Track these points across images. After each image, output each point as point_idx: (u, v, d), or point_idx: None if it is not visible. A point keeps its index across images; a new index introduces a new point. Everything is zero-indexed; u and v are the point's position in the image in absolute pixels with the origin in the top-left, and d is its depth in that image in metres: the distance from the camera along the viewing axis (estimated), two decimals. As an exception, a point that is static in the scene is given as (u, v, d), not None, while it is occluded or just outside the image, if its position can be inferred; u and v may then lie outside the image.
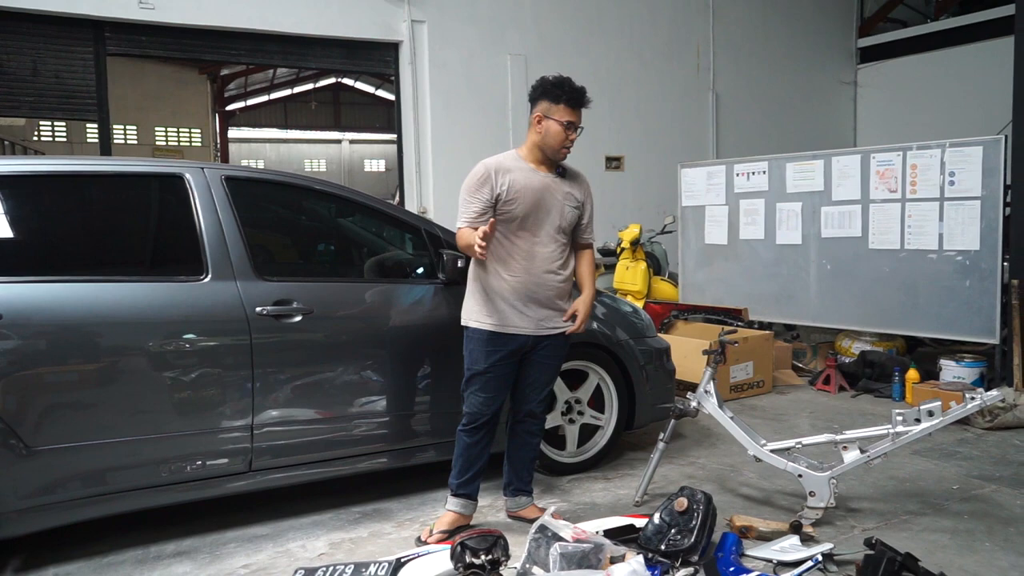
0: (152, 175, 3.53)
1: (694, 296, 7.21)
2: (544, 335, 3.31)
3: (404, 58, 7.96)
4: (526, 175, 3.25)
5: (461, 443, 3.35)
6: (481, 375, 3.27)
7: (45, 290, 3.03)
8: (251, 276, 3.35)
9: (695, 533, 2.97)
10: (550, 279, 3.27)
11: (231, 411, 3.29)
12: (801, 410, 5.45)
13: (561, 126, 3.23)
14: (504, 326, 3.24)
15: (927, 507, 3.62)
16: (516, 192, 3.20)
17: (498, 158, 3.31)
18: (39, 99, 6.72)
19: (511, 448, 3.51)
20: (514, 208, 3.20)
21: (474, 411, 3.30)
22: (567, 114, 3.23)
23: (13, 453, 2.91)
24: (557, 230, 3.29)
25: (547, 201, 3.26)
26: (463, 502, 3.36)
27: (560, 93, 3.24)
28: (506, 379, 3.32)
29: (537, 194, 3.24)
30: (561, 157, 3.31)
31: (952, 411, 3.30)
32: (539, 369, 3.38)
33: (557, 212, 3.28)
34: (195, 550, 3.28)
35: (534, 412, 3.44)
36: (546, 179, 3.29)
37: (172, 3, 6.82)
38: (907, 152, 5.72)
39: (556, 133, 3.24)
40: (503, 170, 3.23)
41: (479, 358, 3.27)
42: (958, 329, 5.56)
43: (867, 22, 11.24)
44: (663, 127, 9.52)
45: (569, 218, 3.32)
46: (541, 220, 3.25)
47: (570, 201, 3.33)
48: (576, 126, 3.26)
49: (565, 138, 3.25)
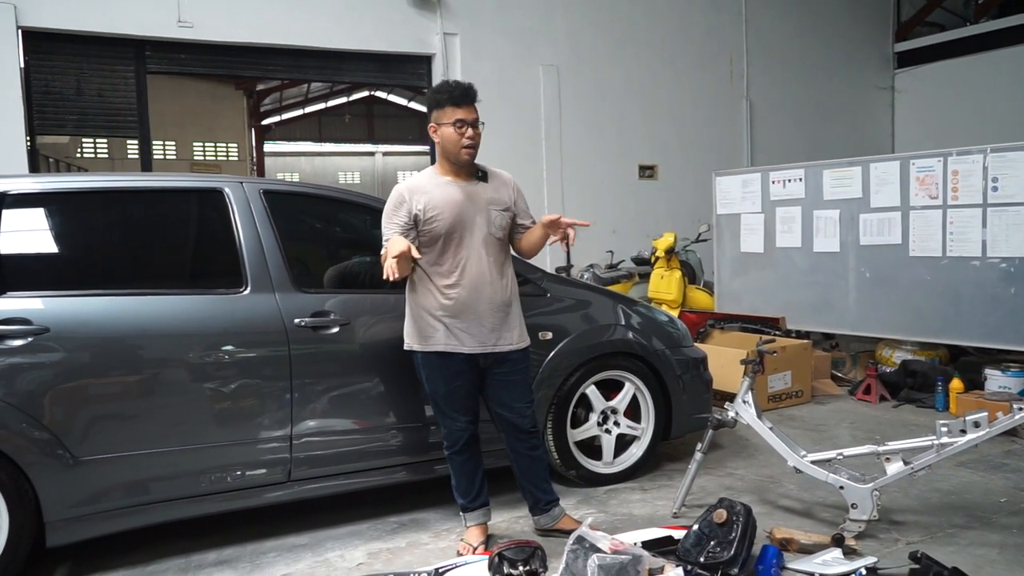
0: (192, 190, 3.60)
1: (730, 305, 7.13)
2: (494, 352, 3.21)
3: (437, 70, 8.03)
4: (443, 190, 3.18)
5: (455, 465, 3.33)
6: (443, 397, 3.23)
7: (90, 304, 3.11)
8: (289, 288, 3.39)
9: (735, 545, 2.94)
10: (488, 291, 3.18)
11: (270, 422, 3.32)
12: (841, 420, 5.36)
13: (452, 126, 3.14)
14: (446, 345, 3.16)
15: (974, 520, 3.53)
16: (435, 210, 3.12)
17: (414, 180, 3.25)
18: (83, 117, 6.89)
19: (519, 469, 3.41)
20: (436, 226, 3.12)
21: (452, 431, 3.27)
22: (453, 113, 3.14)
23: (60, 463, 2.97)
24: (487, 239, 3.20)
25: (470, 212, 3.17)
26: (481, 511, 3.37)
27: (441, 96, 3.18)
28: (471, 395, 3.25)
29: (458, 207, 3.15)
30: (465, 158, 3.17)
31: (999, 422, 3.22)
32: (502, 388, 3.28)
33: (483, 220, 3.20)
34: (236, 559, 3.32)
35: (522, 428, 3.32)
36: (466, 188, 3.20)
37: (210, 21, 6.96)
38: (948, 158, 5.62)
39: (450, 136, 3.15)
40: (419, 191, 3.16)
41: (436, 381, 3.22)
42: (1003, 338, 5.43)
43: (904, 26, 11.09)
44: (697, 135, 9.48)
45: (498, 223, 3.23)
46: (467, 232, 3.16)
47: (496, 205, 3.23)
48: (468, 122, 3.13)
49: (461, 137, 3.13)
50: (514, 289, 3.32)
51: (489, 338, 3.20)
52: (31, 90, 6.54)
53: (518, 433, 3.34)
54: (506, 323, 3.24)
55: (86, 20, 6.56)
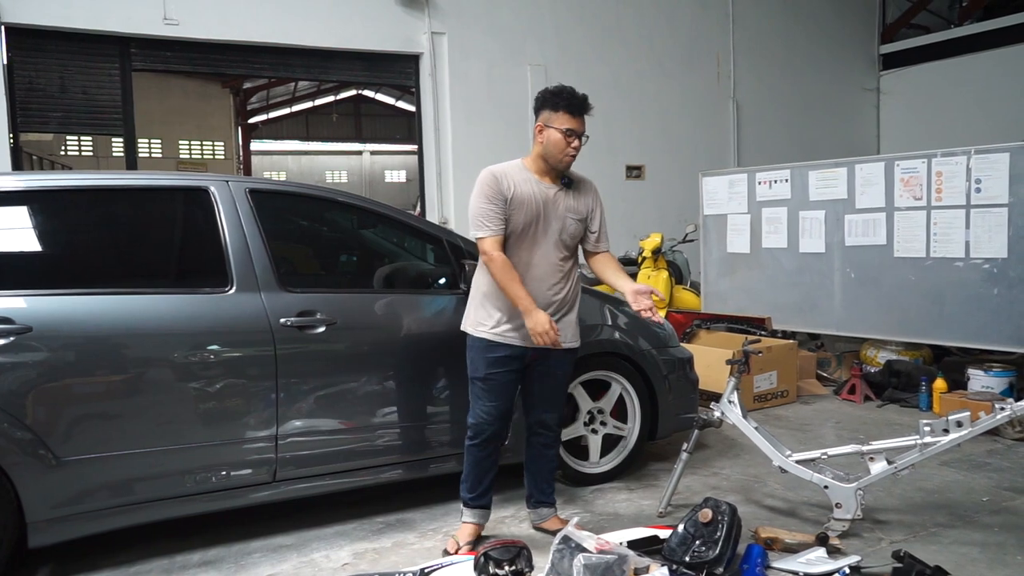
0: (178, 188, 3.58)
1: (716, 305, 7.16)
2: (543, 348, 3.23)
3: (425, 70, 8.03)
4: (529, 186, 3.22)
5: (472, 458, 3.33)
6: (481, 381, 3.25)
7: (73, 303, 3.08)
8: (275, 288, 3.38)
9: (720, 545, 2.95)
10: (548, 293, 3.22)
11: (255, 422, 3.31)
12: (826, 420, 5.40)
13: (561, 134, 3.18)
14: (499, 335, 3.21)
15: (956, 519, 3.56)
16: (519, 202, 3.18)
17: (502, 166, 3.27)
18: (67, 115, 6.85)
19: (528, 460, 3.50)
20: (514, 218, 3.17)
21: (478, 420, 3.27)
22: (567, 121, 3.19)
23: (43, 463, 2.95)
24: (557, 243, 3.24)
25: (548, 213, 3.22)
26: (480, 512, 3.37)
27: (559, 101, 3.20)
28: (506, 388, 3.26)
29: (538, 206, 3.20)
30: (564, 166, 3.25)
31: (981, 422, 3.25)
32: (543, 382, 3.34)
33: (558, 225, 3.24)
34: (220, 560, 3.30)
35: (545, 422, 3.41)
36: (549, 191, 3.25)
37: (196, 19, 6.93)
38: (932, 159, 5.66)
39: (557, 142, 3.20)
40: (509, 177, 3.21)
41: (478, 365, 3.25)
42: (986, 338, 5.48)
43: (889, 28, 11.17)
44: (684, 136, 9.52)
45: (572, 231, 3.27)
46: (541, 232, 3.21)
47: (573, 213, 3.28)
48: (577, 133, 3.20)
49: (567, 146, 3.19)
50: (576, 294, 3.37)
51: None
52: (14, 87, 6.49)
53: (540, 427, 3.41)
54: (562, 324, 3.27)
55: (71, 17, 6.52)
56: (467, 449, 3.34)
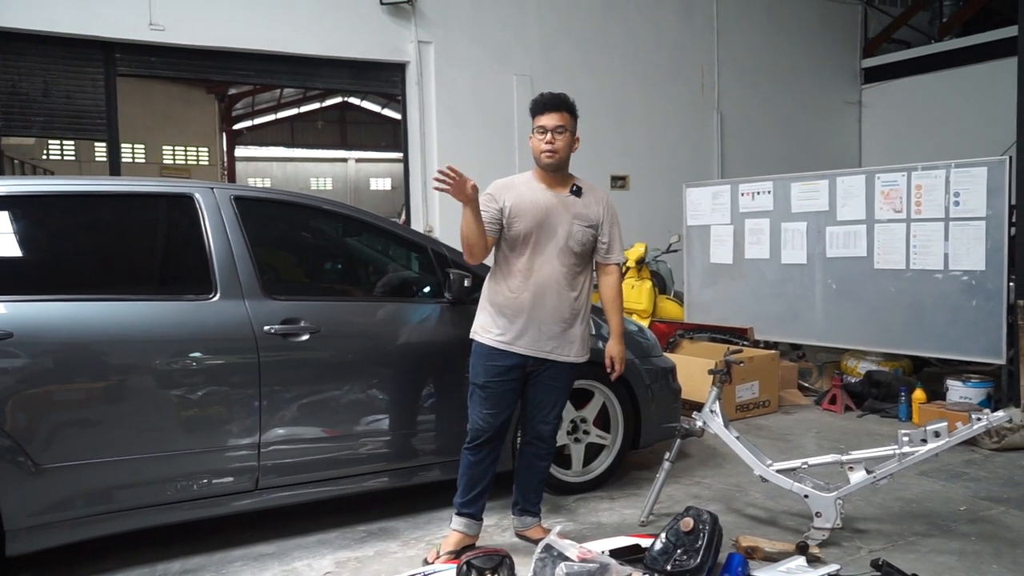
0: (162, 195, 3.57)
1: (699, 315, 7.21)
2: (546, 359, 3.28)
3: (411, 78, 8.03)
4: (533, 194, 3.27)
5: (465, 462, 3.34)
6: (481, 388, 3.27)
7: (55, 309, 3.06)
8: (259, 295, 3.37)
9: (701, 553, 2.97)
10: (554, 301, 3.25)
11: (238, 429, 3.30)
12: (807, 430, 5.44)
13: (535, 132, 3.29)
14: (504, 342, 3.23)
15: (934, 528, 3.60)
16: (519, 209, 3.23)
17: (510, 178, 3.38)
18: (50, 119, 6.79)
19: (519, 469, 3.51)
20: (517, 225, 3.23)
21: (475, 427, 3.28)
22: (537, 120, 3.29)
23: (22, 471, 2.92)
24: (563, 250, 3.26)
25: (552, 219, 3.26)
26: (468, 522, 3.35)
27: (534, 107, 3.32)
28: (506, 396, 3.28)
29: (541, 213, 3.24)
30: (544, 162, 3.28)
31: (959, 432, 3.30)
32: (543, 391, 3.35)
33: (564, 232, 3.26)
34: (202, 568, 3.28)
35: (541, 435, 3.41)
36: (555, 198, 3.29)
37: (182, 24, 6.91)
38: (912, 172, 5.74)
39: (533, 142, 3.32)
40: (510, 189, 3.28)
41: (479, 371, 3.27)
42: (964, 349, 5.56)
43: (871, 42, 11.30)
44: (668, 146, 9.57)
45: (579, 238, 3.29)
46: (544, 238, 3.25)
47: (581, 220, 3.30)
48: (546, 128, 3.25)
49: (540, 142, 3.27)
50: (585, 304, 3.37)
51: (545, 345, 3.26)
52: (-3, 90, 6.44)
53: (535, 437, 3.41)
54: (566, 335, 3.29)
55: (55, 21, 6.47)
56: (463, 453, 3.35)
